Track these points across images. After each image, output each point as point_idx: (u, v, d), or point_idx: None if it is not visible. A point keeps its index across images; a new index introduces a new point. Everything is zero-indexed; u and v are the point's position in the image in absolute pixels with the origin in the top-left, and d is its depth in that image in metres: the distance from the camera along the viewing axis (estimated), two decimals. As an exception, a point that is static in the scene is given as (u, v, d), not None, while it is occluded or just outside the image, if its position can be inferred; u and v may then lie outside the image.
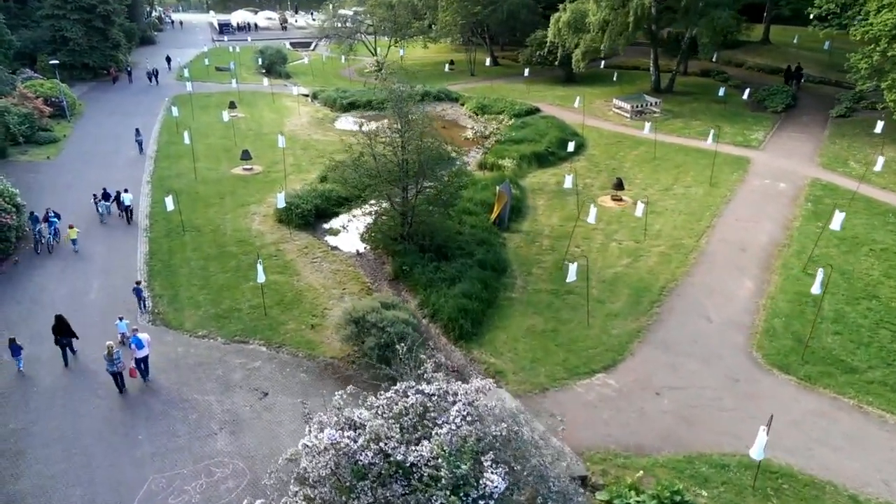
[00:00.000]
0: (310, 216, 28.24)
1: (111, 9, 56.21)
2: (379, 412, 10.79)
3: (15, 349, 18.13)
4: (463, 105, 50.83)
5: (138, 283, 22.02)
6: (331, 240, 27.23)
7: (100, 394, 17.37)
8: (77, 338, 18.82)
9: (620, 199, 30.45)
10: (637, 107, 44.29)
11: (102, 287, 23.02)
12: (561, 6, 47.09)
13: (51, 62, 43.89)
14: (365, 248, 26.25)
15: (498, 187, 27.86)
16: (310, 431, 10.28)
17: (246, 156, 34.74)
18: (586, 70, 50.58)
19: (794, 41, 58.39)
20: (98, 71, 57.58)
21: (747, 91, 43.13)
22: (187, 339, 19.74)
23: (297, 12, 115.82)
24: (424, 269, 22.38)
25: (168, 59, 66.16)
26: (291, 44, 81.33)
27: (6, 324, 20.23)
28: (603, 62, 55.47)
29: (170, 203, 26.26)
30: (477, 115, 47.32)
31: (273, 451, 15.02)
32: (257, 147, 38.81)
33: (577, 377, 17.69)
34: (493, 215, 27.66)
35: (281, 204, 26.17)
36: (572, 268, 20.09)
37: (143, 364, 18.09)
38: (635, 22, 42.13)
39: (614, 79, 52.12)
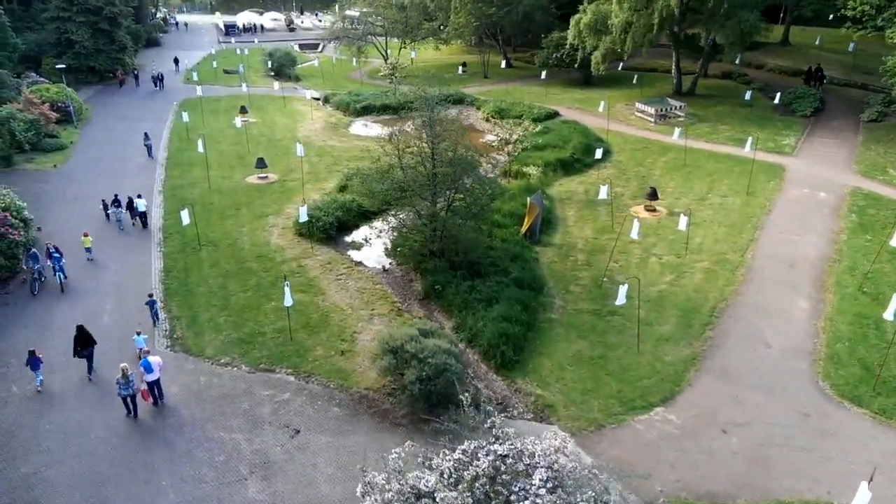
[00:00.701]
0: (331, 229, 26.91)
1: (118, 11, 54.96)
2: (446, 477, 9.45)
3: (34, 363, 17.30)
4: (479, 109, 49.43)
5: (151, 295, 20.99)
6: (354, 254, 25.88)
7: (119, 431, 16.05)
8: (96, 343, 18.27)
9: (654, 210, 29.09)
10: (661, 111, 42.91)
11: (117, 303, 21.84)
12: (581, 7, 45.73)
13: (57, 66, 42.58)
14: (391, 263, 24.92)
15: (529, 198, 26.51)
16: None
17: (261, 164, 33.44)
18: (604, 72, 49.13)
19: (817, 42, 56.87)
20: (104, 74, 56.34)
21: (778, 95, 41.62)
22: (209, 367, 18.42)
23: (302, 13, 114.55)
24: (458, 289, 21.02)
25: (176, 61, 64.94)
26: (299, 46, 79.92)
27: (13, 350, 18.96)
28: (621, 64, 54.09)
29: (185, 217, 24.96)
30: (494, 119, 45.93)
31: (310, 499, 13.70)
32: (271, 154, 37.51)
33: (633, 412, 16.33)
34: (524, 228, 26.31)
35: (303, 218, 24.83)
36: (622, 290, 18.73)
37: (155, 387, 17.00)
38: (659, 23, 40.74)
39: (634, 81, 50.73)
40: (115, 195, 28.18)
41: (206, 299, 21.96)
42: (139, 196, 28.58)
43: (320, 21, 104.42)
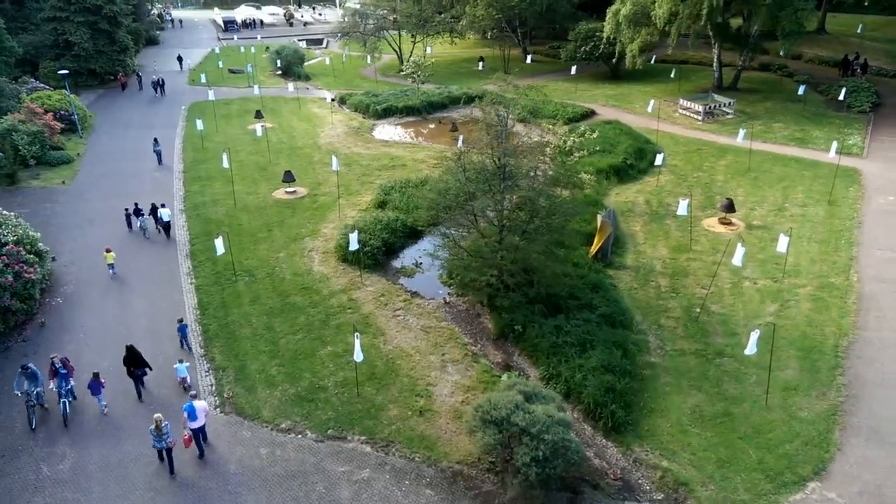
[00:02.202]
0: (378, 254, 24.22)
1: (118, 9, 51.77)
2: None
3: (95, 387, 16.41)
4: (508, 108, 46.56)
5: (181, 320, 19.43)
6: (407, 283, 23.17)
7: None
8: (151, 369, 17.42)
9: (730, 223, 26.47)
10: (708, 108, 40.20)
11: (147, 324, 19.45)
12: (619, -2, 42.86)
13: (59, 72, 39.49)
14: (450, 293, 22.23)
15: (599, 216, 23.83)
16: None
17: (289, 177, 30.59)
18: (640, 66, 46.31)
19: (858, 30, 54.10)
20: (105, 77, 53.24)
21: (843, 91, 38.76)
22: (269, 434, 15.73)
23: (300, 6, 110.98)
24: (542, 330, 18.35)
25: (179, 59, 61.87)
26: (304, 42, 76.64)
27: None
28: (654, 57, 51.26)
29: (220, 246, 22.16)
30: (526, 120, 43.09)
31: None
32: (294, 164, 34.67)
33: (785, 489, 13.76)
34: (594, 249, 23.67)
35: (354, 246, 22.05)
36: (753, 338, 16.07)
37: (200, 435, 14.94)
38: (708, 13, 37.96)
39: (672, 75, 47.89)
40: (136, 204, 27.21)
41: (252, 344, 19.24)
42: (163, 205, 27.01)
43: (320, 15, 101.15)
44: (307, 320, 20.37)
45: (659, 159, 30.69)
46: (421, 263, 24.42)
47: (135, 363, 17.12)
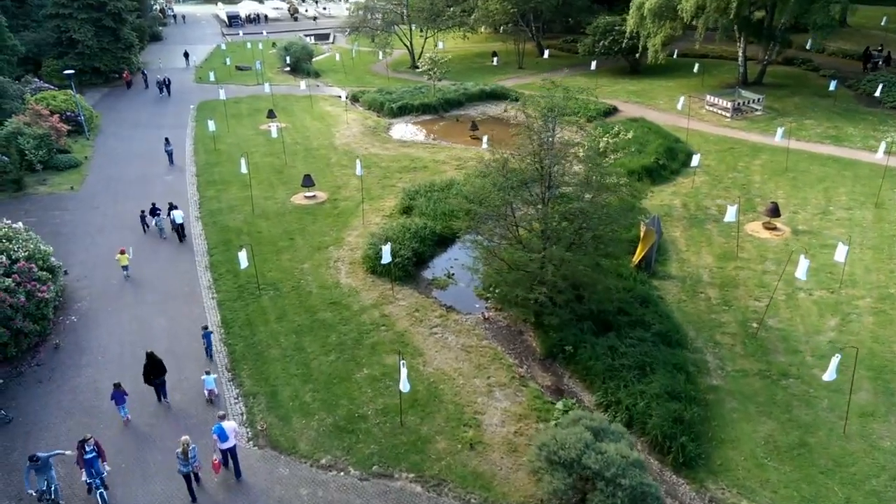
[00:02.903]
0: (409, 265, 22.97)
1: (122, 6, 50.30)
2: None
3: (119, 397, 15.92)
4: (526, 105, 45.19)
5: (206, 327, 18.89)
6: (441, 296, 21.91)
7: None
8: (167, 371, 16.84)
9: (775, 228, 25.20)
10: (737, 104, 38.84)
11: (169, 345, 18.40)
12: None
13: (65, 72, 38.10)
14: (488, 307, 20.99)
15: (643, 223, 22.55)
16: None
17: (308, 182, 29.31)
18: (663, 61, 44.89)
19: (882, 23, 52.62)
20: (109, 75, 51.84)
21: (880, 87, 37.40)
22: (309, 471, 14.51)
23: (303, 0, 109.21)
24: (595, 350, 17.12)
25: (186, 55, 60.53)
26: (312, 36, 75.07)
27: (55, 437, 15.03)
28: (675, 51, 49.80)
29: (244, 259, 20.93)
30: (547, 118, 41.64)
31: None
32: (311, 166, 33.45)
33: (881, 534, 12.59)
34: (637, 258, 22.41)
35: (386, 258, 20.78)
36: (834, 362, 14.82)
37: (231, 457, 14.20)
38: (738, 6, 36.54)
39: (695, 70, 46.44)
40: (153, 204, 26.66)
41: (283, 366, 18.02)
42: (176, 207, 26.19)
43: (324, 9, 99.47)
44: (339, 339, 19.14)
45: (695, 160, 29.37)
46: (453, 274, 23.18)
47: (155, 371, 16.58)
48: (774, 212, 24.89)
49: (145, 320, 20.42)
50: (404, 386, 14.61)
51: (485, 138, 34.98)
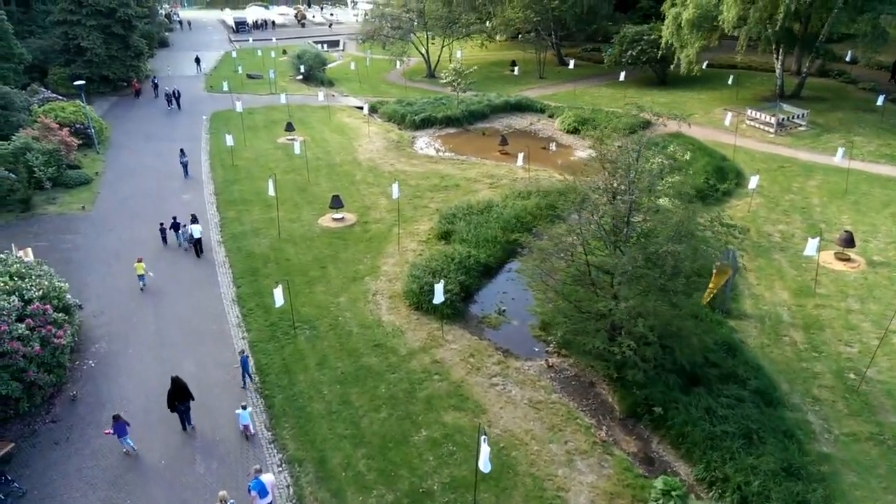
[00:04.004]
0: (457, 300, 20.97)
1: (132, 12, 48.28)
2: None
3: (120, 428, 14.85)
4: (552, 117, 43.35)
5: (243, 352, 17.68)
6: (494, 336, 19.87)
7: None
8: (193, 399, 15.91)
9: (848, 259, 23.25)
10: (780, 119, 36.96)
11: (200, 400, 16.33)
12: (679, 0, 39.55)
13: (76, 83, 36.10)
14: (548, 351, 18.99)
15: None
16: None
17: (337, 203, 27.31)
18: (698, 72, 43.05)
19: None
20: (118, 84, 49.83)
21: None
22: (374, 563, 12.53)
23: (310, 6, 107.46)
24: (690, 414, 15.07)
25: (197, 61, 58.86)
26: (324, 44, 73.19)
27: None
28: (706, 62, 47.93)
29: (279, 297, 18.89)
30: (578, 131, 39.77)
31: None
32: (335, 184, 31.55)
33: None
34: (709, 295, 20.42)
35: (439, 299, 18.76)
36: None
37: None
38: (785, 17, 34.69)
39: (730, 82, 44.58)
40: (174, 218, 25.74)
41: (329, 425, 15.98)
42: (194, 220, 25.09)
43: (332, 15, 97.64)
44: (389, 391, 17.11)
45: (753, 182, 27.43)
46: (505, 310, 21.19)
47: (180, 396, 15.75)
48: (849, 242, 22.94)
49: (171, 363, 18.29)
50: (485, 466, 12.54)
51: (520, 155, 33.07)
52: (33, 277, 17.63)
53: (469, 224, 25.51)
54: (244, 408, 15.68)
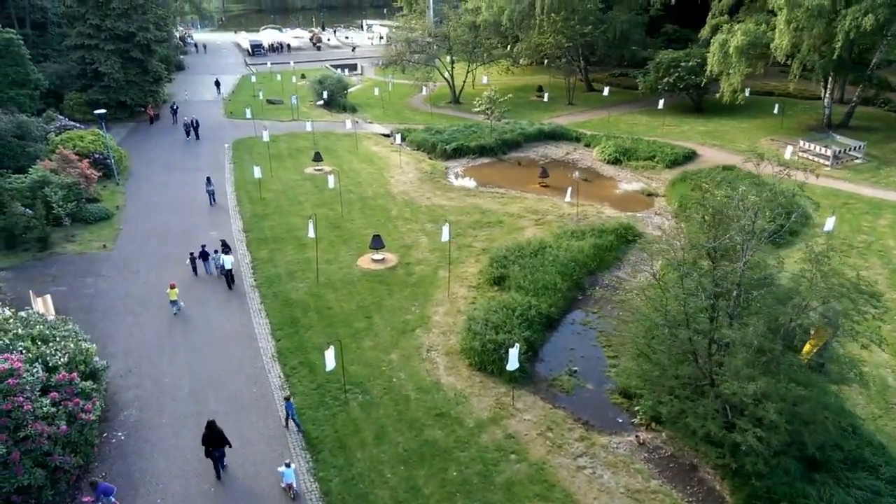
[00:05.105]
0: (524, 359, 18.86)
1: (151, 37, 46.93)
2: None
3: (107, 489, 13.58)
4: (589, 146, 41.51)
5: (288, 398, 16.68)
6: (570, 403, 17.70)
7: None
8: (230, 446, 15.12)
9: (947, 313, 21.15)
10: (836, 151, 35.06)
11: (241, 454, 13.91)
12: (725, 27, 37.96)
13: (96, 111, 34.51)
14: (634, 423, 16.83)
15: (813, 314, 18.45)
16: None
17: (378, 244, 25.37)
18: (742, 101, 41.24)
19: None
20: (135, 109, 48.30)
21: None
22: None
23: (323, 29, 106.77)
24: (818, 509, 12.92)
25: (217, 84, 57.75)
26: (344, 68, 71.87)
27: None
28: (748, 90, 46.15)
29: (330, 360, 16.79)
30: (620, 162, 37.90)
31: None
32: (370, 220, 29.69)
33: None
34: (807, 355, 18.28)
35: (514, 365, 16.69)
36: None
37: None
38: (843, 45, 32.97)
39: (775, 111, 42.77)
40: (203, 247, 25.05)
41: (398, 518, 13.87)
42: (226, 250, 24.00)
43: (348, 38, 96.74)
44: (461, 474, 14.97)
45: (829, 224, 25.43)
46: (576, 371, 19.08)
47: (215, 442, 14.95)
48: (949, 293, 20.88)
49: (204, 343, 16.23)
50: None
51: (569, 190, 31.17)
52: (58, 340, 15.66)
53: (524, 268, 23.52)
54: (288, 465, 14.37)
